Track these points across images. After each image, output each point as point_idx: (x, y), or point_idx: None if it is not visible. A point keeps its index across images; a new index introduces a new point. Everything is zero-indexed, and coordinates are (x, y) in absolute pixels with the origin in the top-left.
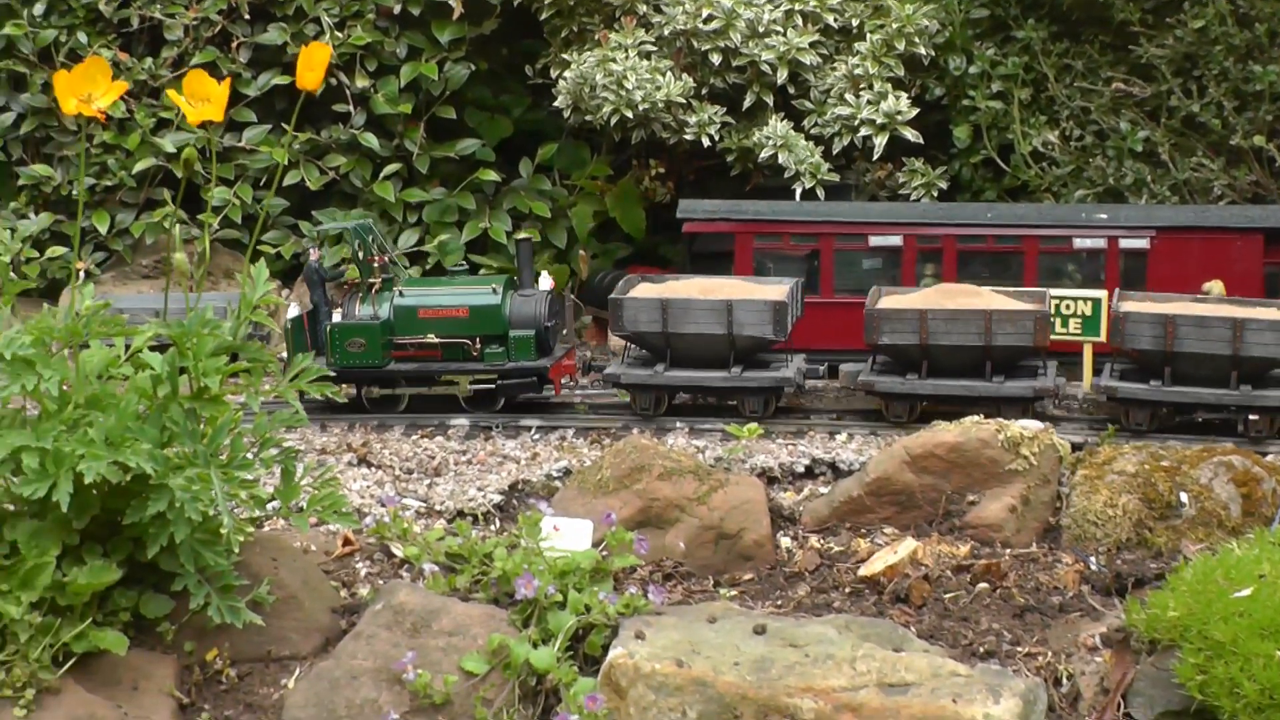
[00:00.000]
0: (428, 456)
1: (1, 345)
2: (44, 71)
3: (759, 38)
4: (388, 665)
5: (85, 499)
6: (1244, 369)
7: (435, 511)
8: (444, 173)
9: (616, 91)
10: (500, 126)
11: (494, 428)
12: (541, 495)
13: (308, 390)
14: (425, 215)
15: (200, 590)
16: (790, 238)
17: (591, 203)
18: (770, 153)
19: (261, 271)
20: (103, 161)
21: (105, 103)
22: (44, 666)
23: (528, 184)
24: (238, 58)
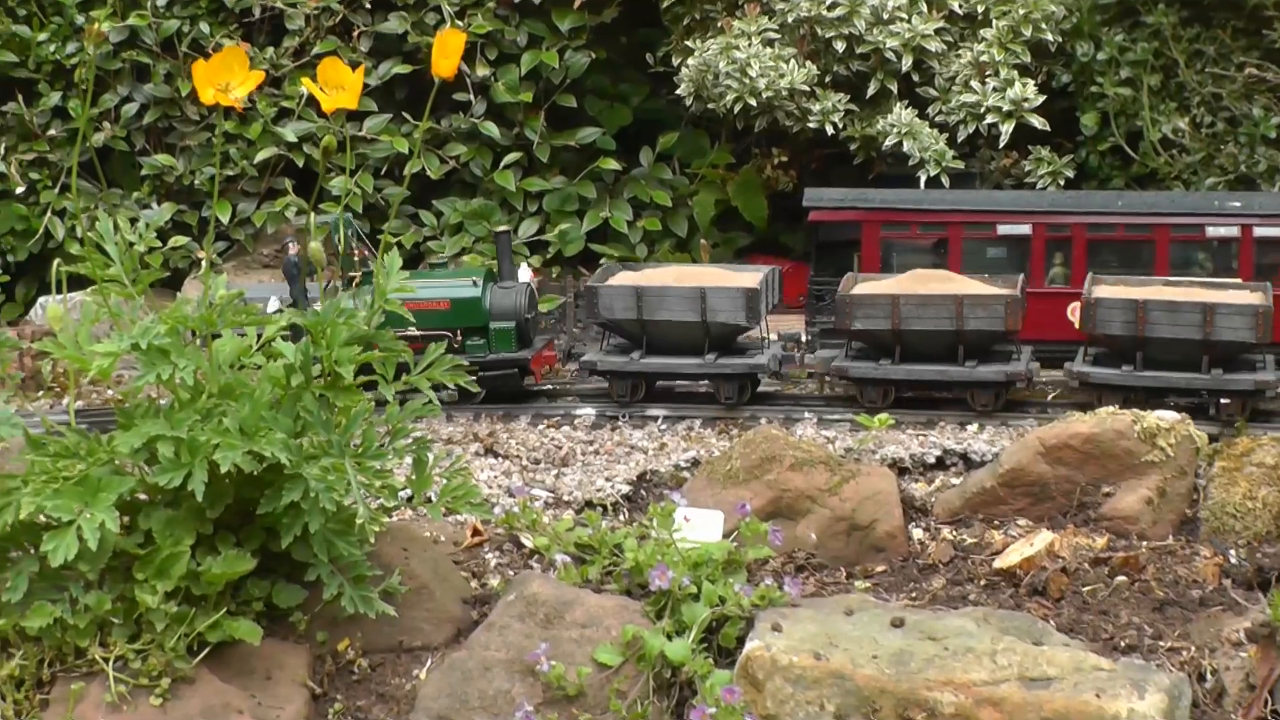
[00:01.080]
0: (554, 446)
1: (137, 335)
2: (167, 62)
3: (883, 24)
4: (520, 656)
5: (219, 488)
6: (1215, 353)
7: (563, 502)
8: (564, 161)
9: (740, 79)
10: (620, 115)
11: (620, 417)
12: (670, 486)
13: (438, 379)
14: (545, 204)
15: (333, 580)
16: (917, 226)
17: (713, 191)
18: (894, 141)
19: (395, 260)
20: (225, 151)
21: (242, 92)
22: (179, 656)
23: (648, 172)
24: (358, 47)
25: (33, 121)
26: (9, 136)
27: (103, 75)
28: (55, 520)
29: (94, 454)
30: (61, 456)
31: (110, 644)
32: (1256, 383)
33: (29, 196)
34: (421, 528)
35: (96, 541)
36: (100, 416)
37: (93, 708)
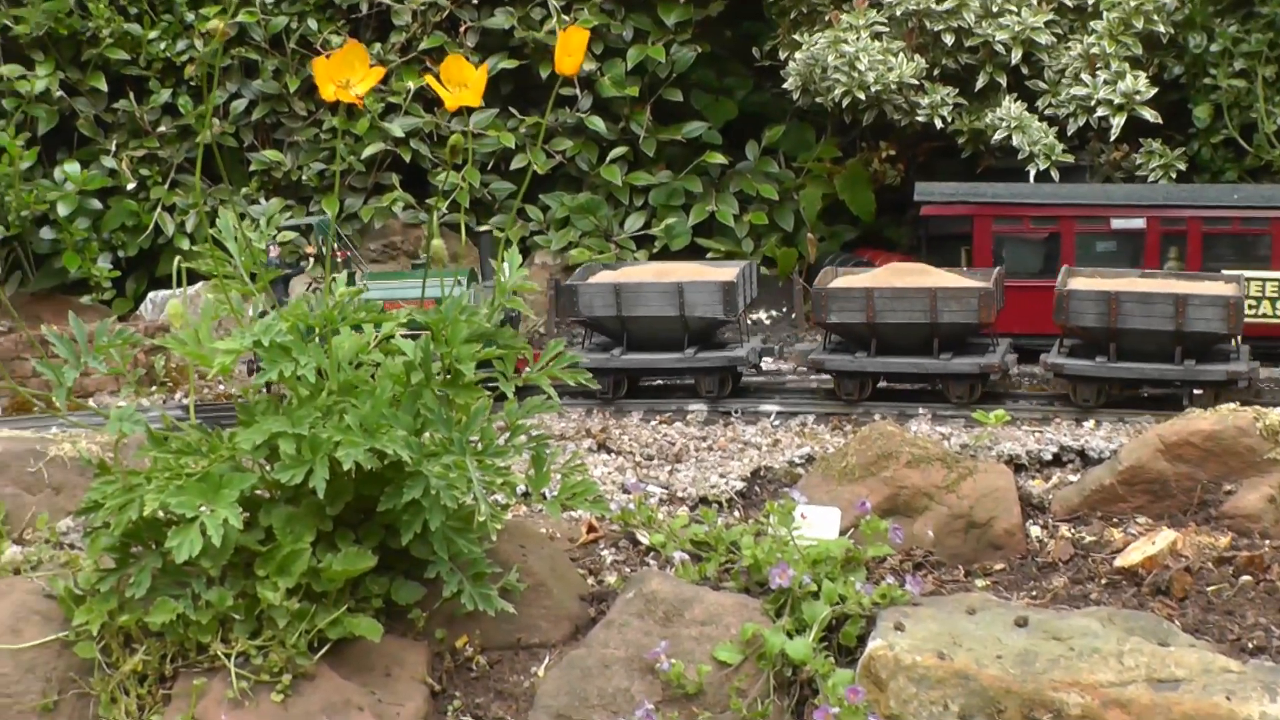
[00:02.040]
0: (668, 443)
1: (260, 331)
2: (275, 58)
3: (992, 17)
4: (640, 654)
5: (339, 485)
6: (1187, 344)
7: (677, 498)
8: (669, 156)
9: (848, 73)
10: (725, 109)
11: (733, 413)
12: (784, 482)
13: (558, 376)
14: (651, 198)
15: (453, 578)
16: (1030, 220)
17: (820, 185)
18: (1003, 134)
19: (514, 257)
20: (331, 147)
21: (362, 88)
22: (301, 652)
23: (754, 166)
24: (465, 42)
25: (143, 118)
26: (120, 133)
27: (212, 72)
28: (178, 517)
29: (216, 450)
30: (184, 453)
31: (232, 640)
32: (1229, 373)
33: (139, 192)
34: (536, 524)
35: (220, 538)
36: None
37: (215, 704)
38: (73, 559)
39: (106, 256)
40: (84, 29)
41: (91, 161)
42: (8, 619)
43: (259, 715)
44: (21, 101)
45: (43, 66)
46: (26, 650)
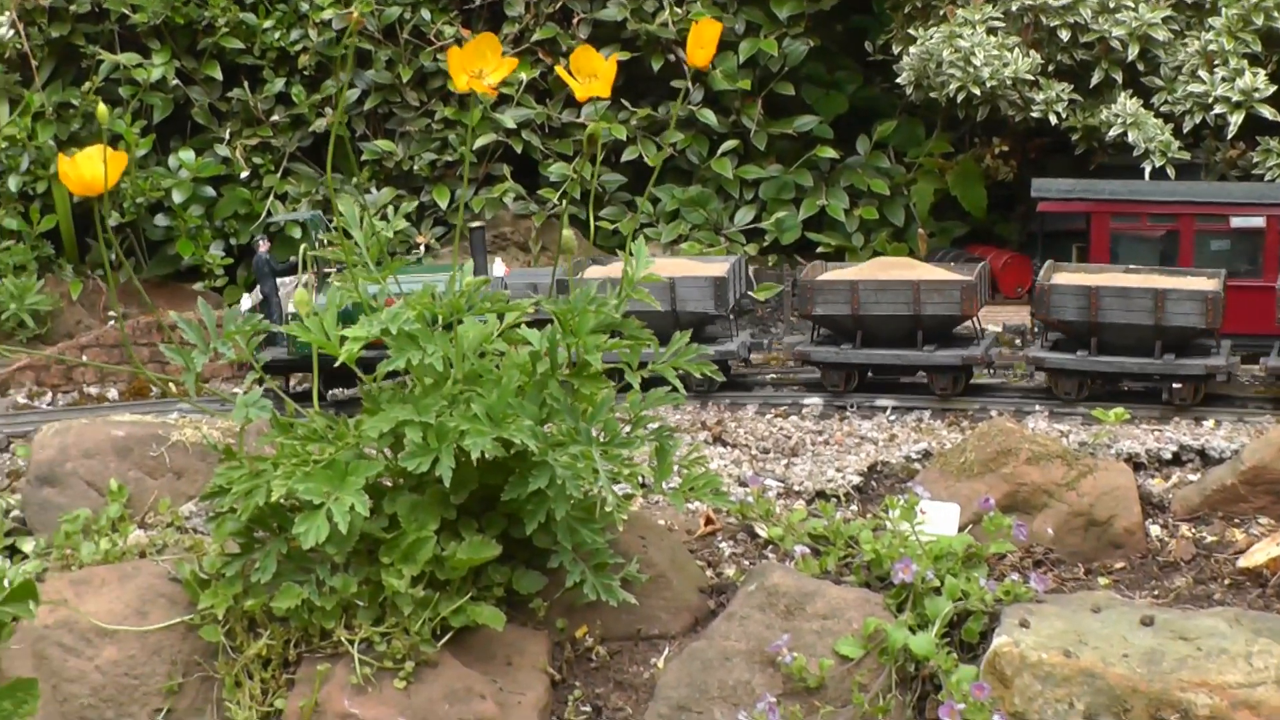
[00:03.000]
0: (784, 436)
1: (388, 320)
2: (388, 48)
3: (1109, 13)
4: (761, 647)
5: (464, 474)
6: (1167, 338)
7: (793, 492)
8: (780, 149)
9: (963, 68)
10: (835, 103)
11: (849, 408)
12: (900, 477)
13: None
14: (762, 192)
15: (576, 568)
16: (1147, 218)
17: (931, 180)
18: (1118, 131)
19: (642, 249)
20: (443, 137)
21: (495, 79)
22: (425, 640)
23: (864, 161)
24: (577, 34)
25: (257, 107)
26: (234, 122)
27: (325, 62)
28: (303, 503)
29: (342, 438)
30: (310, 440)
31: (355, 626)
32: (1207, 367)
33: (252, 180)
34: (654, 516)
35: (346, 525)
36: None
37: (338, 689)
38: (197, 543)
39: (219, 244)
40: (200, 18)
41: (205, 149)
42: (134, 602)
43: (382, 701)
44: (138, 89)
45: (159, 55)
46: (152, 633)
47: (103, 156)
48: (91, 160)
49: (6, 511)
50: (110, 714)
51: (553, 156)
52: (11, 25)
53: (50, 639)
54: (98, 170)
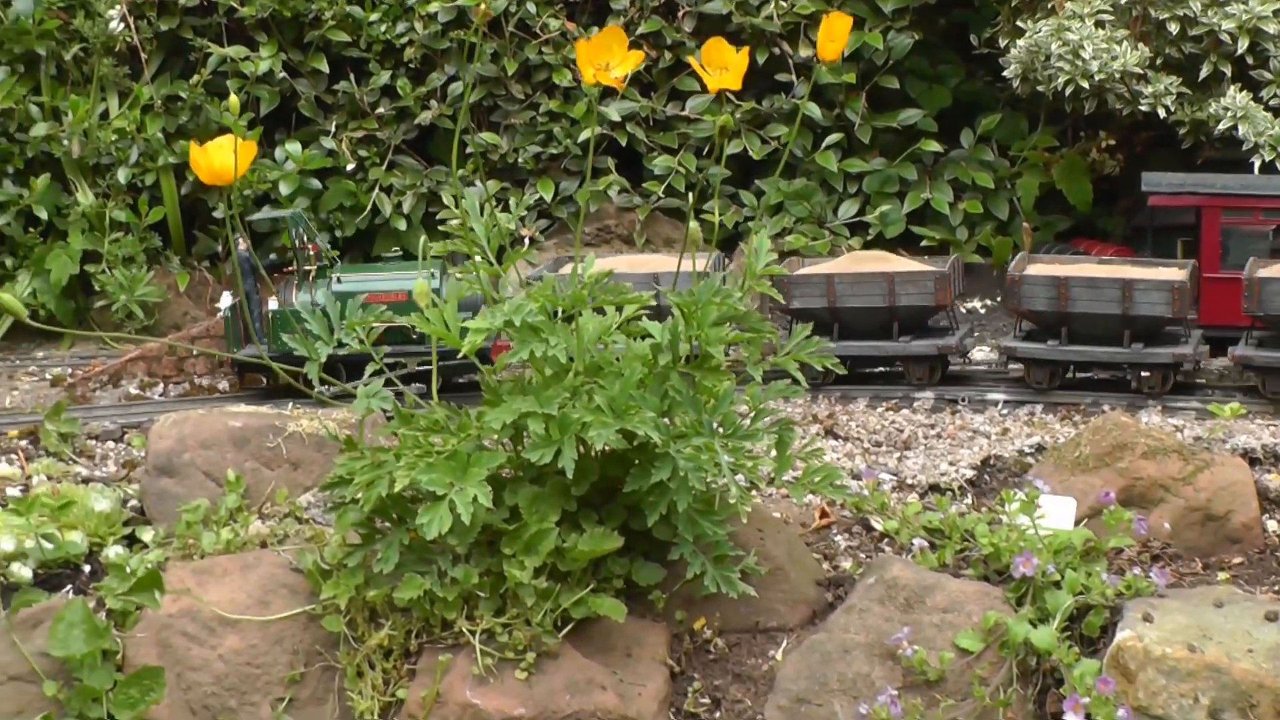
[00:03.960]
0: (896, 429)
1: (511, 312)
2: (493, 41)
3: (1218, 6)
4: (880, 640)
5: (586, 466)
6: (1135, 327)
7: (906, 485)
8: (884, 143)
9: (1072, 61)
10: (938, 96)
11: (959, 401)
12: (1014, 471)
13: (805, 360)
14: (866, 185)
15: (696, 559)
16: (1260, 213)
17: (1036, 174)
18: (1227, 125)
19: (764, 242)
20: (548, 130)
21: (621, 72)
22: (547, 631)
23: (969, 154)
24: (683, 27)
25: (362, 100)
26: (340, 115)
27: (430, 54)
28: (425, 494)
29: (465, 429)
30: (432, 431)
31: (477, 617)
32: (1175, 355)
33: (357, 173)
34: (769, 508)
35: (470, 516)
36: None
37: (459, 679)
38: (318, 534)
39: (324, 236)
40: (307, 11)
41: (311, 142)
42: (257, 591)
43: (503, 692)
44: (245, 82)
45: (266, 48)
46: (274, 622)
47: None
48: (222, 149)
49: (124, 501)
50: (233, 703)
51: (657, 150)
52: (122, 19)
53: (174, 628)
54: (228, 159)
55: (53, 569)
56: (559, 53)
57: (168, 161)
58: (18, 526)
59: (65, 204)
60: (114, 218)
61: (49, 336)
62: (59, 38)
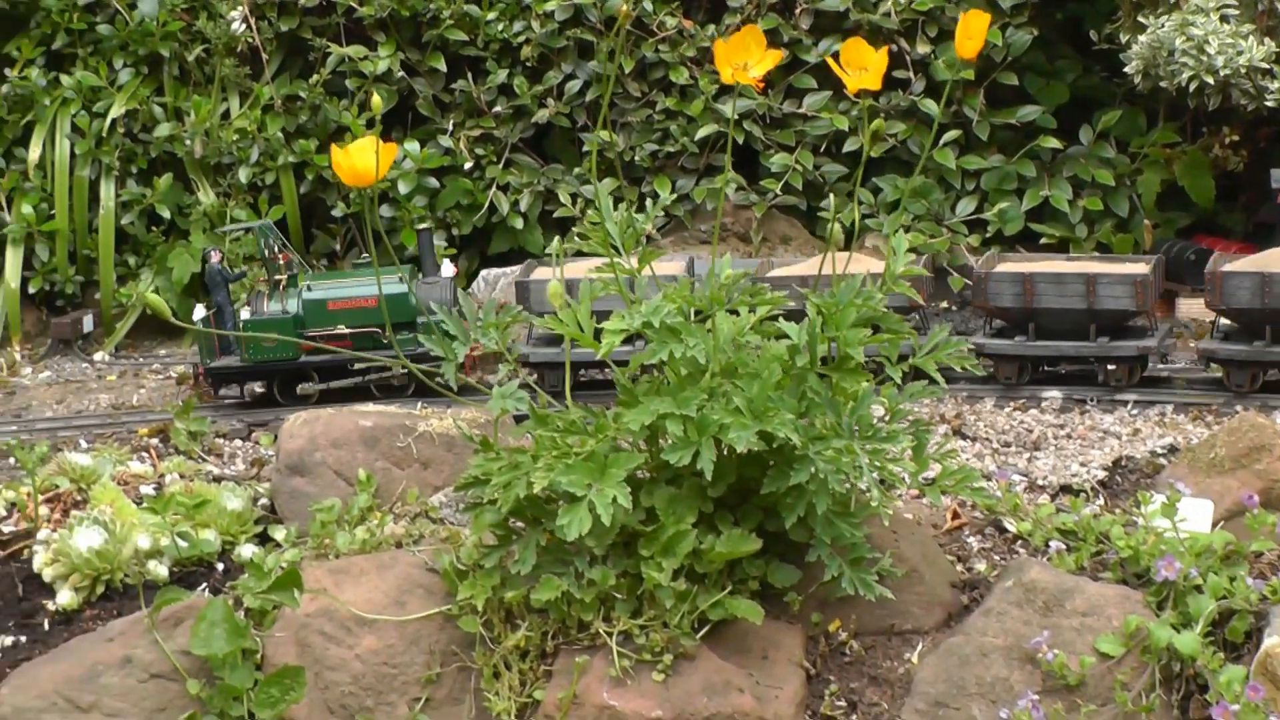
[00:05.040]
0: (1024, 430)
1: (649, 313)
2: (610, 39)
3: None
4: (1019, 643)
5: (723, 467)
6: (1100, 321)
7: (1037, 486)
8: (1002, 139)
9: (1196, 57)
10: (1056, 92)
11: (1088, 401)
12: (1145, 472)
13: (946, 362)
14: (984, 182)
15: (834, 561)
16: None
17: (1157, 171)
18: None
19: (902, 242)
20: (665, 128)
21: (760, 70)
22: (685, 633)
23: (1088, 151)
24: (799, 24)
25: (480, 98)
26: (457, 113)
27: (546, 53)
28: (561, 495)
29: (602, 430)
30: (569, 432)
31: (613, 619)
32: (1140, 349)
33: (474, 172)
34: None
35: (609, 518)
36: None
37: (596, 680)
38: (453, 534)
39: (441, 234)
40: (425, 10)
41: (429, 140)
42: (393, 591)
43: (641, 694)
44: (364, 81)
45: (384, 47)
46: (410, 622)
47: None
48: (364, 151)
49: (255, 499)
50: (370, 702)
51: (774, 147)
52: (243, 20)
53: (312, 627)
54: (369, 161)
55: (187, 566)
56: (675, 50)
57: (287, 160)
58: (154, 524)
59: (187, 203)
60: (235, 216)
61: (170, 334)
62: (182, 39)
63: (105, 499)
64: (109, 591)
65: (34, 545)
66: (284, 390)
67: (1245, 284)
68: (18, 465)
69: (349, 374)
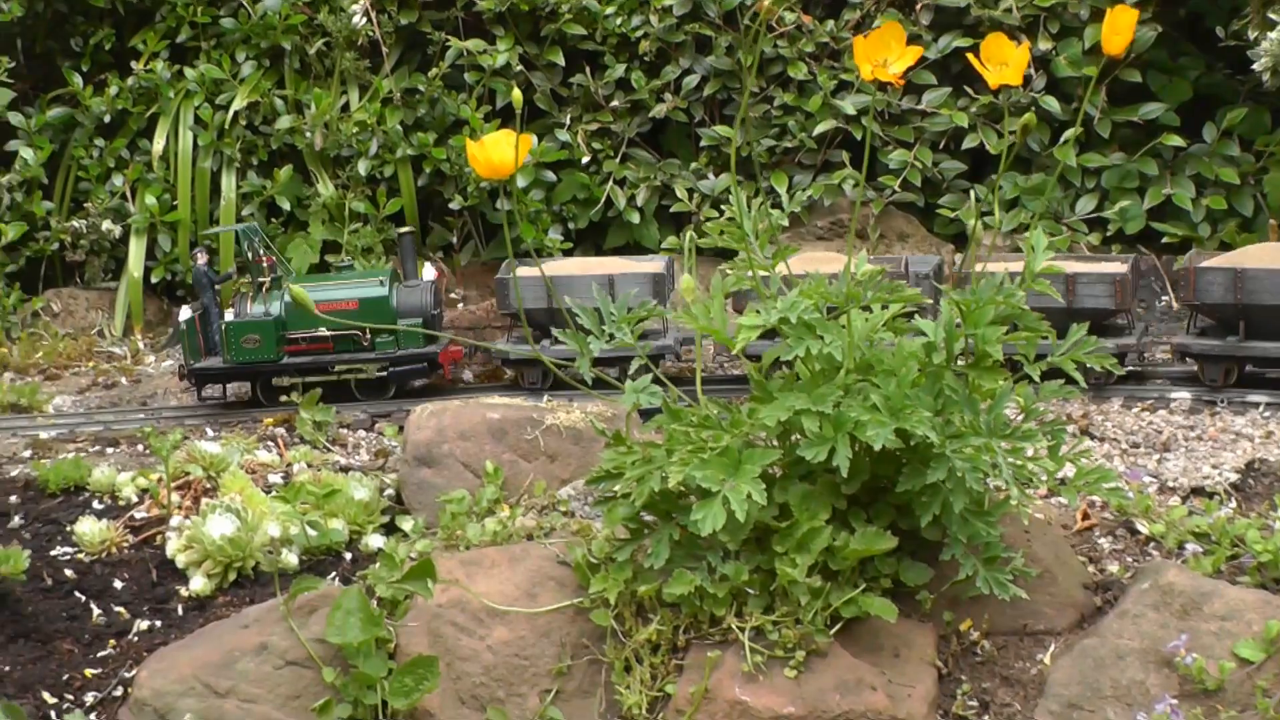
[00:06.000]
0: (1154, 430)
1: (785, 309)
2: (728, 34)
3: None
4: (1155, 646)
5: (857, 465)
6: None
7: (1168, 488)
8: (1123, 137)
9: None
10: (1179, 89)
11: (1219, 403)
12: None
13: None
14: (1104, 181)
15: (968, 561)
16: None
17: None
18: None
19: (1040, 239)
20: (783, 123)
21: (900, 67)
22: (819, 629)
23: (1211, 149)
24: (919, 20)
25: (597, 93)
26: (574, 107)
27: (664, 48)
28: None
29: (737, 426)
30: (703, 427)
31: (746, 614)
32: (1119, 346)
33: (591, 166)
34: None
35: (744, 513)
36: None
37: (728, 676)
38: (584, 527)
39: (557, 228)
40: (544, 4)
41: (546, 134)
42: (524, 584)
43: (773, 690)
44: (482, 75)
45: (503, 41)
46: (542, 615)
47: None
48: (500, 144)
49: (381, 489)
50: (501, 693)
51: (892, 143)
52: (364, 13)
53: (444, 618)
54: (507, 154)
55: (315, 555)
56: (794, 46)
57: (406, 153)
58: (284, 513)
59: (307, 195)
60: (353, 209)
61: None
62: (303, 32)
63: (234, 487)
64: (240, 578)
65: (167, 531)
66: (266, 391)
67: (1218, 280)
68: (145, 452)
69: (329, 374)
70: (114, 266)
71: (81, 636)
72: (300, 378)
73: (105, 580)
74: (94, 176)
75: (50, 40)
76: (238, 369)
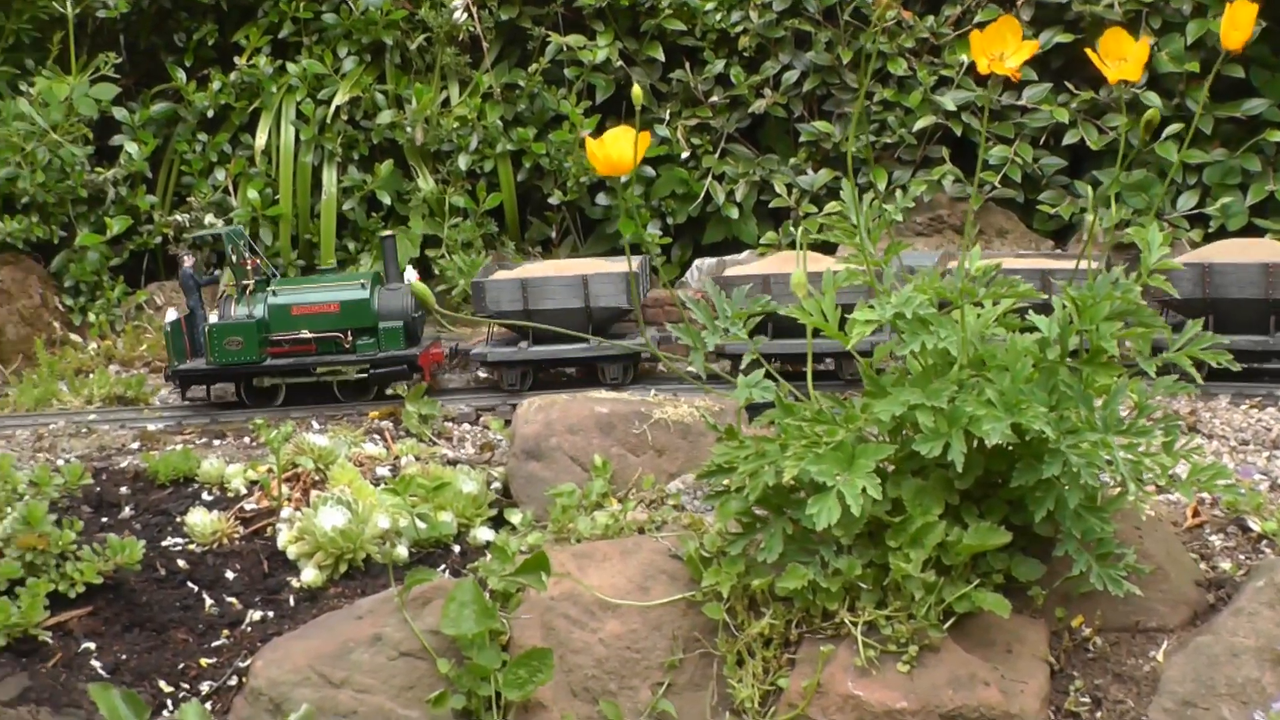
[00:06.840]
0: (1263, 428)
1: (900, 304)
2: (828, 30)
3: None
4: (1271, 645)
5: (971, 460)
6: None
7: (1278, 485)
8: (1225, 133)
9: None
10: None
11: None
12: None
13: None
14: (1205, 177)
15: (1082, 557)
16: None
17: None
18: None
19: (1155, 235)
20: (883, 119)
21: (1016, 61)
22: (932, 624)
23: None
24: (1021, 15)
25: (696, 88)
26: (673, 103)
27: (764, 43)
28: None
29: (852, 420)
30: (817, 421)
31: (859, 608)
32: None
33: (689, 161)
34: None
35: (859, 508)
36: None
37: (840, 670)
38: (695, 521)
39: (655, 223)
40: (643, 0)
41: (644, 129)
42: (637, 577)
43: (885, 684)
44: (582, 70)
45: (603, 36)
46: (654, 608)
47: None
48: (619, 141)
49: (489, 483)
50: (613, 686)
51: (992, 139)
52: (464, 8)
53: (556, 610)
54: (625, 150)
55: (424, 548)
56: (894, 41)
57: (505, 148)
58: (393, 506)
59: (407, 189)
60: (453, 203)
61: None
62: (404, 28)
63: (343, 479)
64: (351, 570)
65: (277, 523)
66: (249, 393)
67: (1186, 275)
68: (253, 444)
69: (310, 375)
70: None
71: (195, 626)
72: (282, 379)
73: (217, 571)
74: (196, 171)
75: (154, 36)
76: (221, 370)
